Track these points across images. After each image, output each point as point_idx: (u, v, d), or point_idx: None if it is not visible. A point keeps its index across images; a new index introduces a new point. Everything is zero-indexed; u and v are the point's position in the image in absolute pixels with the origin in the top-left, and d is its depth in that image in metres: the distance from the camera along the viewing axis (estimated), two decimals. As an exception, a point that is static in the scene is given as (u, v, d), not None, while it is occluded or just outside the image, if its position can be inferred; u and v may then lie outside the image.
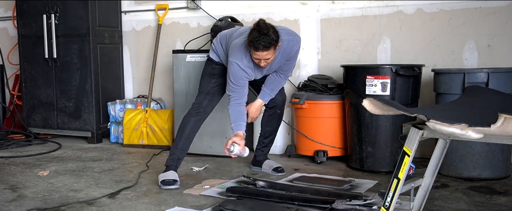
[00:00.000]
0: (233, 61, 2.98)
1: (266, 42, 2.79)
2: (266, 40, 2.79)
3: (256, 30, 2.81)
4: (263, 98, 3.24)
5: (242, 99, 3.06)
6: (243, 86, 3.04)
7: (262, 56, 2.87)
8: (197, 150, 4.00)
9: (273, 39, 2.81)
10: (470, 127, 1.65)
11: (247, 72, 3.00)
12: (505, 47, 3.60)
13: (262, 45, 2.80)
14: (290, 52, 3.07)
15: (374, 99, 1.87)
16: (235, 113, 3.03)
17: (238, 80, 3.01)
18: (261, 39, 2.78)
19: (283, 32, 2.96)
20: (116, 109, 4.64)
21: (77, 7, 4.52)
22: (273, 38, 2.80)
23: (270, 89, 3.23)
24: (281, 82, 3.25)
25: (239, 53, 2.98)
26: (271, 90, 3.24)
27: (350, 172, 3.42)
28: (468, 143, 3.10)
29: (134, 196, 2.87)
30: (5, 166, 3.70)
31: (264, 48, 2.82)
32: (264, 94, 3.24)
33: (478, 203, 2.67)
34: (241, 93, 3.05)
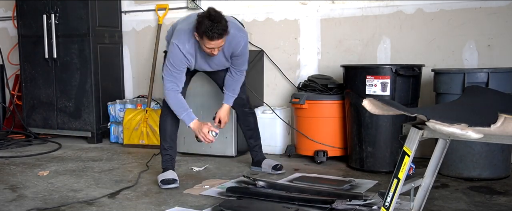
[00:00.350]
0: (175, 43, 2.94)
1: (221, 30, 2.77)
2: (220, 28, 2.76)
3: (208, 19, 2.76)
4: (227, 101, 3.26)
5: (179, 86, 3.02)
6: (182, 71, 3.00)
7: (216, 45, 2.84)
8: (197, 150, 4.00)
9: (226, 26, 2.80)
10: (470, 127, 1.65)
11: (187, 57, 2.96)
12: (505, 47, 3.60)
13: (217, 33, 2.77)
14: (236, 48, 3.03)
15: (374, 99, 1.87)
16: (177, 103, 3.02)
17: (178, 64, 2.96)
18: (215, 27, 2.75)
19: (231, 26, 2.91)
20: (116, 109, 4.64)
21: (77, 7, 4.52)
22: (226, 25, 2.79)
23: (231, 91, 3.24)
24: (239, 79, 3.22)
25: (183, 38, 2.94)
26: (233, 91, 3.25)
27: (350, 172, 3.42)
28: (468, 143, 3.10)
29: (134, 196, 2.87)
30: (5, 166, 3.70)
31: (218, 36, 2.79)
32: (228, 97, 3.26)
33: (478, 203, 2.67)
34: (179, 79, 3.01)
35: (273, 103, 4.21)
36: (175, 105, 3.02)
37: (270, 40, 4.30)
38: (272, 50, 4.30)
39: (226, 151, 3.91)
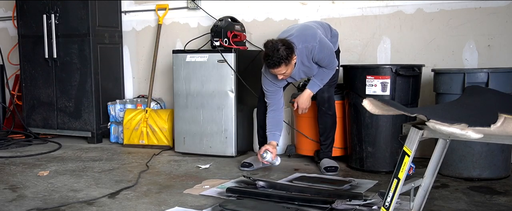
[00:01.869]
0: (262, 72, 3.39)
1: (275, 61, 3.07)
2: (274, 59, 3.06)
3: (265, 51, 3.10)
4: (311, 88, 3.41)
5: (278, 105, 3.40)
6: (275, 92, 3.39)
7: (276, 72, 3.16)
8: (197, 150, 4.00)
9: (282, 56, 3.06)
10: (470, 127, 1.65)
11: (273, 82, 3.34)
12: (505, 47, 3.60)
13: (271, 63, 3.09)
14: (312, 56, 3.25)
15: (374, 99, 1.86)
16: (271, 122, 3.39)
17: (268, 88, 3.38)
18: (269, 58, 3.07)
19: (298, 40, 3.20)
20: (116, 109, 4.64)
21: (77, 7, 4.52)
22: (282, 55, 3.06)
23: (319, 79, 3.39)
24: (329, 72, 3.39)
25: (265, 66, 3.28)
26: (320, 80, 3.39)
27: (350, 172, 3.42)
28: (468, 143, 3.11)
29: (134, 196, 2.87)
30: (5, 166, 3.70)
31: (274, 66, 3.10)
32: (313, 84, 3.40)
33: (478, 203, 2.67)
34: (276, 99, 3.40)
35: (273, 103, 4.21)
36: (269, 124, 3.40)
37: (270, 40, 4.29)
38: (272, 50, 4.29)
39: (226, 151, 3.91)
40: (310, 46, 3.22)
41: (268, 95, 3.41)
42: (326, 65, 3.33)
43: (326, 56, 3.29)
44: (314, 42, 3.23)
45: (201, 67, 3.94)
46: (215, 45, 3.99)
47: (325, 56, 3.28)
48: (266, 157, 3.27)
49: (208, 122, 3.95)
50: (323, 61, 3.30)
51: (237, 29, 4.08)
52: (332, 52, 3.33)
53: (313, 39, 3.24)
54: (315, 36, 3.25)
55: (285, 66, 3.11)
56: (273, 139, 3.35)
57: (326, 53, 3.28)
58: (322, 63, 3.31)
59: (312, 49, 3.22)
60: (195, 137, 4.00)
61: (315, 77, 3.39)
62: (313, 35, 3.26)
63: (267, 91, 3.40)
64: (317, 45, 3.23)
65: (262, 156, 3.28)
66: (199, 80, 3.96)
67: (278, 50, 3.05)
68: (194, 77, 3.97)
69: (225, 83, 3.87)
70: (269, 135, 3.37)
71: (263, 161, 3.30)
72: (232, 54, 3.85)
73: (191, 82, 3.98)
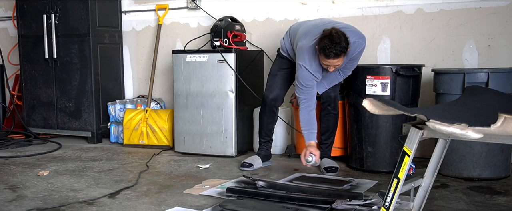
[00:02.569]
0: (302, 65, 3.16)
1: (338, 51, 2.96)
2: (337, 49, 2.95)
3: (328, 39, 2.95)
4: (317, 87, 3.34)
5: (311, 101, 3.22)
6: (312, 87, 3.22)
7: (333, 63, 3.04)
8: (197, 150, 4.00)
9: (344, 47, 2.97)
10: (470, 127, 1.65)
11: (315, 75, 3.18)
12: (505, 47, 3.60)
13: (333, 53, 2.96)
14: (353, 53, 3.19)
15: (374, 99, 1.86)
16: (306, 120, 3.22)
17: (307, 82, 3.19)
18: (333, 47, 2.94)
19: (350, 34, 3.09)
20: (116, 109, 4.64)
21: (77, 7, 4.52)
22: (344, 46, 2.97)
23: (328, 83, 3.37)
24: (339, 79, 3.38)
25: (308, 57, 3.15)
26: (329, 84, 3.37)
27: (350, 172, 3.42)
28: (468, 143, 3.11)
29: (134, 196, 2.87)
30: (5, 166, 3.70)
31: (335, 56, 2.98)
32: (320, 85, 3.35)
33: (478, 203, 2.67)
34: (310, 95, 3.22)
35: (273, 103, 4.21)
36: (304, 122, 3.22)
37: (270, 40, 4.30)
38: (272, 50, 4.29)
39: (226, 151, 3.91)
40: (358, 42, 3.18)
41: (305, 90, 3.21)
42: (348, 68, 3.31)
43: (357, 61, 3.30)
44: (363, 40, 3.23)
45: (201, 67, 3.94)
46: (215, 45, 3.99)
47: (357, 60, 3.28)
48: (312, 161, 3.15)
49: (208, 122, 3.95)
50: (352, 62, 3.26)
51: (237, 29, 4.08)
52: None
53: (363, 36, 3.24)
54: (365, 38, 3.25)
55: (344, 56, 3.04)
56: (312, 139, 3.19)
57: (359, 59, 3.29)
58: (349, 64, 3.27)
59: (358, 46, 3.18)
60: (195, 137, 4.00)
61: (324, 79, 3.34)
62: (363, 36, 3.25)
63: (306, 86, 3.20)
64: (364, 44, 3.22)
65: (307, 160, 3.15)
66: (199, 80, 3.96)
67: (341, 41, 2.95)
68: (194, 77, 3.97)
69: (225, 83, 3.87)
70: (306, 134, 3.20)
71: (307, 165, 3.19)
72: (232, 54, 3.85)
73: (191, 82, 3.99)
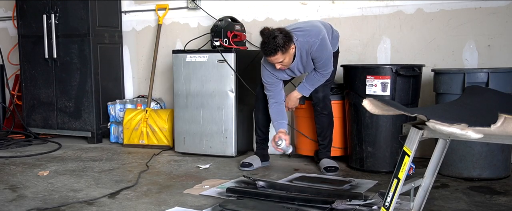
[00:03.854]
0: (262, 64, 3.37)
1: (271, 48, 3.04)
2: (269, 46, 3.04)
3: (262, 37, 3.08)
4: (300, 90, 3.43)
5: (278, 98, 3.37)
6: (274, 84, 3.36)
7: (273, 60, 3.12)
8: (197, 150, 4.00)
9: (278, 44, 3.03)
10: (470, 127, 1.65)
11: (274, 74, 3.32)
12: (505, 47, 3.60)
13: (267, 50, 3.06)
14: (311, 52, 3.22)
15: (374, 99, 1.86)
16: (275, 112, 3.36)
17: (267, 79, 3.35)
18: (265, 45, 3.05)
19: (300, 34, 3.19)
20: (116, 109, 4.64)
21: (77, 7, 4.52)
22: (278, 43, 3.03)
23: (309, 84, 3.40)
24: (319, 79, 3.37)
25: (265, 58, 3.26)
26: (311, 85, 3.39)
27: (350, 172, 3.42)
28: (468, 143, 3.11)
29: (134, 196, 2.87)
30: (5, 166, 3.70)
31: (270, 53, 3.07)
32: (302, 87, 3.41)
33: (478, 203, 2.67)
34: (276, 92, 3.37)
35: (273, 103, 4.21)
36: (274, 114, 3.37)
37: (270, 40, 4.29)
38: (272, 50, 4.29)
39: (226, 151, 3.91)
40: (312, 41, 3.20)
41: (268, 87, 3.37)
42: (320, 67, 3.29)
43: (323, 57, 3.26)
44: (317, 38, 3.21)
45: (201, 67, 3.94)
46: (215, 45, 3.99)
47: (322, 56, 3.25)
48: (281, 144, 3.20)
49: (208, 122, 3.95)
50: (319, 61, 3.26)
51: (237, 29, 4.08)
52: (330, 56, 3.30)
53: (316, 35, 3.22)
54: (319, 33, 3.23)
55: (282, 54, 3.07)
56: (281, 127, 3.29)
57: (324, 55, 3.25)
58: (317, 64, 3.28)
59: (312, 45, 3.20)
60: (195, 137, 4.00)
61: (306, 80, 3.39)
62: (317, 32, 3.24)
63: (267, 83, 3.37)
64: (318, 42, 3.20)
65: (276, 143, 3.21)
66: (199, 80, 3.96)
67: (274, 38, 3.02)
68: (194, 77, 3.97)
69: (225, 83, 3.87)
70: (276, 124, 3.32)
71: (277, 149, 3.24)
72: (232, 54, 3.85)
73: (191, 82, 3.99)
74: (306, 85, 3.39)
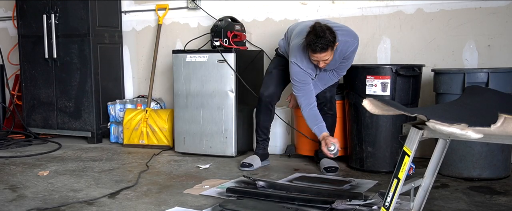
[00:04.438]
0: (294, 62, 3.19)
1: (323, 44, 2.94)
2: (322, 42, 2.93)
3: (313, 34, 2.96)
4: None
5: (311, 99, 3.24)
6: (307, 83, 3.24)
7: (320, 58, 3.03)
8: (197, 150, 4.00)
9: (330, 40, 2.95)
10: (470, 127, 1.65)
11: (308, 72, 3.20)
12: (505, 47, 3.60)
13: (319, 47, 2.95)
14: (346, 53, 3.20)
15: (374, 99, 1.86)
16: (311, 116, 3.23)
17: (300, 78, 3.21)
18: (318, 41, 2.93)
19: (340, 33, 3.09)
20: (116, 109, 4.64)
21: (77, 7, 4.52)
22: (329, 39, 2.95)
23: (322, 84, 3.37)
24: (334, 79, 3.39)
25: (299, 55, 3.18)
26: (323, 85, 3.38)
27: (350, 172, 3.42)
28: (468, 143, 3.10)
29: (134, 196, 2.87)
30: (5, 166, 3.70)
31: (321, 50, 2.97)
32: (315, 86, 3.33)
33: (478, 203, 2.67)
34: (307, 91, 3.24)
35: (273, 103, 4.21)
36: (310, 118, 3.23)
37: (270, 40, 4.29)
38: (272, 50, 4.28)
39: (226, 151, 3.91)
40: (350, 42, 3.18)
41: (300, 86, 3.23)
42: (342, 68, 3.32)
43: (350, 62, 3.30)
44: (356, 40, 3.22)
45: (201, 67, 3.94)
46: (215, 45, 3.99)
47: (352, 59, 3.29)
48: (334, 149, 3.10)
49: (208, 122, 3.95)
50: (345, 62, 3.27)
51: (237, 29, 4.08)
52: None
53: (355, 37, 3.24)
54: (357, 36, 3.25)
55: (331, 51, 3.02)
56: (324, 131, 3.18)
57: (352, 58, 3.29)
58: (344, 64, 3.28)
59: (350, 46, 3.19)
60: (195, 137, 4.00)
61: (318, 80, 3.35)
62: (355, 34, 3.26)
63: (299, 82, 3.22)
64: (356, 44, 3.22)
65: (330, 150, 3.09)
66: (199, 80, 3.96)
67: (325, 34, 2.94)
68: (194, 77, 3.97)
69: (225, 83, 3.87)
70: (317, 129, 3.19)
71: (330, 154, 3.13)
72: (232, 54, 3.85)
73: (191, 82, 3.99)
74: (318, 84, 3.36)
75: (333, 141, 3.11)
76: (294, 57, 3.20)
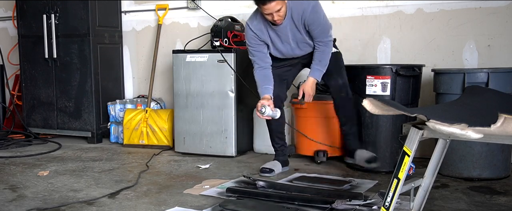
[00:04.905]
0: (246, 23, 3.22)
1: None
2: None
3: None
4: (313, 74, 3.24)
5: (264, 63, 3.22)
6: (259, 47, 3.20)
7: (272, 9, 2.95)
8: (197, 150, 4.00)
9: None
10: (470, 127, 1.65)
11: (256, 33, 3.17)
12: (505, 47, 3.60)
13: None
14: (303, 21, 3.07)
15: (374, 99, 1.86)
16: (260, 77, 3.21)
17: (251, 41, 3.20)
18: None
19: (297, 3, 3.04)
20: (116, 109, 4.64)
21: (77, 7, 4.52)
22: None
23: (318, 63, 3.21)
24: (324, 50, 3.20)
25: (252, 16, 3.21)
26: (319, 63, 3.20)
27: (350, 172, 3.42)
28: (468, 143, 3.10)
29: (134, 196, 2.87)
30: (5, 166, 3.70)
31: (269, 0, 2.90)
32: (314, 70, 3.23)
33: (478, 203, 2.67)
34: (260, 56, 3.22)
35: (273, 103, 4.21)
36: (259, 79, 3.22)
37: (270, 40, 4.29)
38: (272, 50, 4.29)
39: (226, 151, 3.91)
40: (301, 8, 3.05)
41: (252, 50, 3.22)
42: (318, 35, 3.14)
43: (319, 22, 3.10)
44: (308, 5, 3.06)
45: (201, 67, 3.94)
46: (215, 45, 3.99)
47: (318, 21, 3.09)
48: (266, 112, 3.06)
49: (208, 122, 3.95)
50: (315, 28, 3.10)
51: (237, 29, 4.08)
52: (327, 23, 3.15)
53: (308, 3, 3.07)
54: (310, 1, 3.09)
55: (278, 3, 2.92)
56: (266, 93, 3.14)
57: (320, 18, 3.10)
58: (315, 31, 3.12)
59: (305, 9, 3.05)
60: (195, 137, 4.00)
61: (313, 62, 3.22)
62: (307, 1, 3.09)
63: (251, 46, 3.21)
64: (310, 7, 3.06)
65: (260, 111, 3.07)
66: (199, 80, 3.96)
67: None
68: (194, 77, 3.97)
69: (225, 83, 3.87)
70: (262, 90, 3.16)
71: (262, 117, 3.12)
72: (232, 54, 3.85)
73: (191, 82, 3.99)
74: (316, 66, 3.22)
75: (266, 103, 3.07)
76: (248, 20, 3.21)
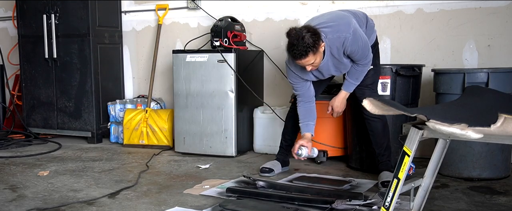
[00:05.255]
0: (286, 63, 3.13)
1: (300, 51, 2.76)
2: (299, 49, 2.76)
3: (289, 41, 2.81)
4: (346, 88, 3.15)
5: (307, 98, 3.15)
6: (301, 84, 3.12)
7: (304, 63, 2.85)
8: (197, 150, 4.00)
9: (308, 45, 2.75)
10: (470, 127, 1.65)
11: (297, 74, 3.08)
12: (505, 47, 3.60)
13: (297, 54, 2.79)
14: (344, 49, 2.92)
15: (374, 99, 1.86)
16: (303, 111, 3.16)
17: (293, 80, 3.13)
18: (294, 48, 2.78)
19: (328, 30, 2.89)
20: (116, 109, 4.64)
21: (77, 7, 4.52)
22: (308, 44, 2.74)
23: (354, 79, 3.10)
24: (362, 70, 3.07)
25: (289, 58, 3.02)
26: (355, 79, 3.10)
27: (350, 172, 3.42)
28: (468, 143, 3.10)
29: (134, 196, 2.87)
30: (5, 166, 3.70)
31: (301, 57, 2.80)
32: (347, 84, 3.13)
33: (478, 203, 2.67)
34: (303, 92, 3.14)
35: (273, 103, 4.21)
36: (301, 113, 3.17)
37: (270, 40, 4.30)
38: (272, 50, 4.30)
39: (226, 151, 3.91)
40: (343, 36, 2.87)
41: (295, 87, 3.14)
42: (358, 60, 2.99)
43: (359, 49, 2.93)
44: (348, 32, 2.88)
45: (201, 67, 3.94)
46: (215, 45, 3.99)
47: (358, 49, 2.93)
48: (302, 153, 3.03)
49: (208, 122, 3.95)
50: (355, 55, 2.95)
51: (237, 29, 4.08)
52: (367, 45, 2.99)
53: (346, 29, 2.89)
54: (349, 26, 2.90)
55: (313, 54, 2.79)
56: (307, 131, 3.09)
57: (360, 46, 2.93)
58: (355, 57, 2.97)
59: (344, 40, 2.88)
60: (195, 137, 4.00)
61: (349, 76, 3.10)
62: (346, 24, 2.91)
63: (293, 83, 3.14)
64: (350, 36, 2.88)
65: (297, 154, 3.03)
66: (199, 80, 3.96)
67: (303, 38, 2.73)
68: (194, 77, 3.97)
69: (225, 83, 3.87)
70: (302, 126, 3.11)
71: (299, 158, 3.07)
72: (232, 54, 3.85)
73: (191, 82, 3.98)
74: (350, 80, 3.10)
75: (305, 145, 3.03)
76: (287, 59, 3.09)
